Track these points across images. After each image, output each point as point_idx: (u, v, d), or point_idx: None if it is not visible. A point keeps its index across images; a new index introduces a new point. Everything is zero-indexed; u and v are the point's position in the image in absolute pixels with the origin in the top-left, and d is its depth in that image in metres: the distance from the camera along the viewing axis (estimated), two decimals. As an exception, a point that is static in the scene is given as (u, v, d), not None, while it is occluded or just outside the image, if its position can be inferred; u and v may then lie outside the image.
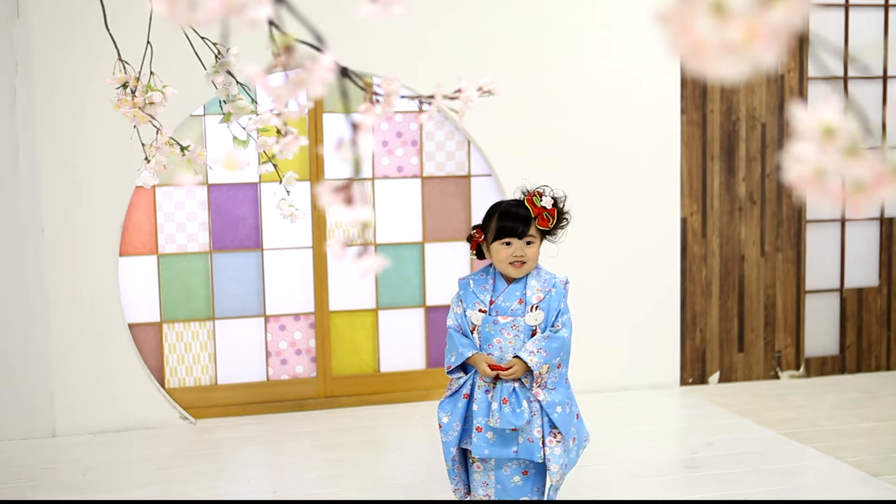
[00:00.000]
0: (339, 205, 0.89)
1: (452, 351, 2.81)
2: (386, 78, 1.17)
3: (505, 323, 2.78)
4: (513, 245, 2.78)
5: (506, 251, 2.78)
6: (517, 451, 2.76)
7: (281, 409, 4.64)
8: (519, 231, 2.78)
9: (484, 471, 2.85)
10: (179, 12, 0.84)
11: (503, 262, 2.79)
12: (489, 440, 2.76)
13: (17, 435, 4.27)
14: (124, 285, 4.45)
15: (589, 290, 4.82)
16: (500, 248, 2.79)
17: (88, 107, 4.21)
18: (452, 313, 2.87)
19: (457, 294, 2.89)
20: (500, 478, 2.83)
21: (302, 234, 4.64)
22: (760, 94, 5.02)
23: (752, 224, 5.07)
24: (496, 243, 2.80)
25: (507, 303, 2.80)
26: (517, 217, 2.79)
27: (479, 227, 2.88)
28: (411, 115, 4.71)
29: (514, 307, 2.80)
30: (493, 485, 2.84)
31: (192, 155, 1.86)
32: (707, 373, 5.07)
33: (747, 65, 0.66)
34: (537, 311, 2.79)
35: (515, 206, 2.82)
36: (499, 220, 2.80)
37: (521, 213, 2.80)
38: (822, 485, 3.57)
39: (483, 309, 2.81)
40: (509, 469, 2.83)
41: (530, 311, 2.79)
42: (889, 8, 5.18)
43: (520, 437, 2.75)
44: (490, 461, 2.83)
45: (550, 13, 4.71)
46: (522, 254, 2.78)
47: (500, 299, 2.81)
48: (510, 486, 2.84)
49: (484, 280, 2.86)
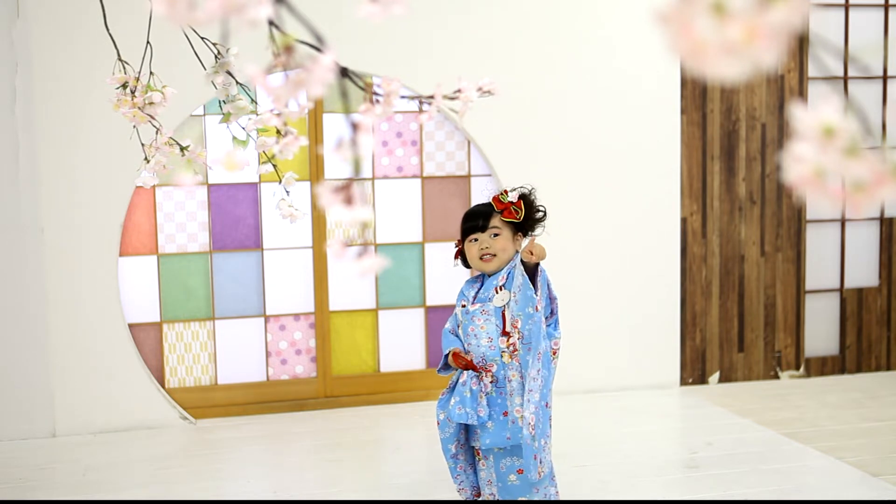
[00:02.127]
0: (339, 205, 0.89)
1: (443, 350, 2.93)
2: (386, 78, 1.17)
3: (475, 310, 2.84)
4: (479, 240, 2.85)
5: (475, 247, 2.86)
6: (510, 438, 2.76)
7: (281, 409, 4.64)
8: (480, 224, 2.85)
9: (487, 467, 2.86)
10: (179, 12, 0.84)
11: (475, 258, 2.87)
12: (489, 430, 2.78)
13: (17, 435, 4.27)
14: (124, 285, 4.45)
15: (589, 290, 4.82)
16: (470, 246, 2.88)
17: (88, 107, 4.21)
18: (452, 316, 2.98)
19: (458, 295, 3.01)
20: (500, 475, 2.84)
21: (302, 234, 4.64)
22: (760, 94, 5.02)
23: (752, 224, 5.07)
24: (466, 243, 2.89)
25: (487, 293, 2.86)
26: (477, 213, 2.89)
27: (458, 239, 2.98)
28: (411, 115, 4.71)
29: (490, 295, 2.85)
30: (495, 482, 2.85)
31: (192, 155, 1.85)
32: (707, 373, 5.07)
33: (747, 65, 0.66)
34: (502, 292, 2.83)
35: (477, 206, 2.94)
36: (463, 222, 2.91)
37: (480, 209, 2.90)
38: (822, 485, 3.57)
39: (464, 303, 2.90)
40: (505, 466, 2.83)
41: (496, 293, 2.82)
42: (889, 8, 5.18)
43: (510, 421, 2.77)
44: (490, 457, 2.84)
45: (550, 13, 4.70)
46: (488, 246, 2.84)
47: (482, 292, 2.88)
48: (508, 484, 2.84)
49: (475, 279, 2.96)
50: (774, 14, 0.65)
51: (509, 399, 2.77)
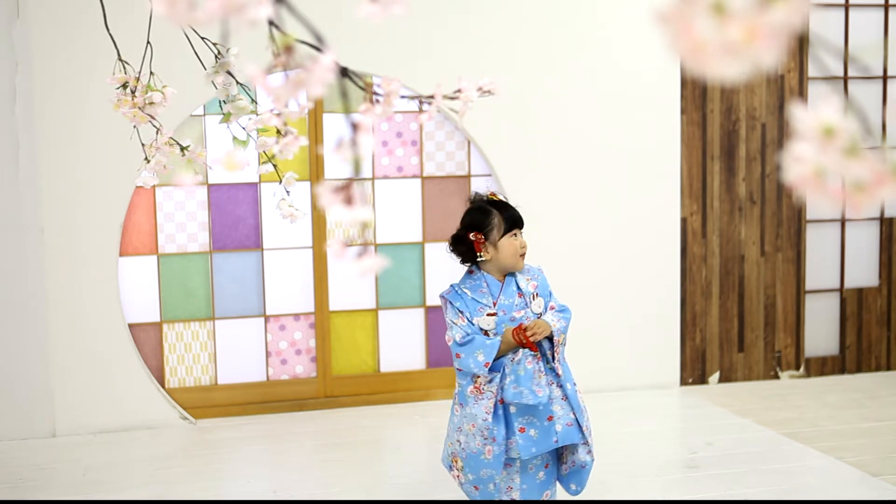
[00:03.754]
0: (339, 205, 0.89)
1: (477, 350, 2.67)
2: (386, 78, 1.17)
3: (521, 318, 2.75)
4: (518, 237, 2.79)
5: (514, 244, 2.76)
6: (557, 440, 2.69)
7: (281, 409, 4.64)
8: (522, 222, 2.81)
9: (508, 475, 2.76)
10: (179, 12, 0.84)
11: (513, 255, 2.76)
12: (533, 438, 2.68)
13: (17, 435, 4.27)
14: (124, 285, 4.45)
15: (589, 290, 4.82)
16: (512, 241, 2.76)
17: (88, 107, 4.21)
18: (457, 327, 2.72)
19: (452, 308, 2.75)
20: (526, 478, 2.76)
21: (302, 234, 4.64)
22: (760, 94, 5.02)
23: (752, 224, 5.07)
24: (506, 237, 2.75)
25: (510, 299, 2.77)
26: (517, 210, 2.82)
27: (475, 230, 2.77)
28: (411, 115, 4.71)
29: (516, 301, 2.78)
30: (517, 487, 2.76)
31: (192, 155, 1.85)
32: (707, 373, 5.07)
33: (747, 65, 0.66)
34: (538, 299, 2.81)
35: (505, 203, 2.83)
36: (505, 216, 2.76)
37: (515, 208, 2.83)
38: (822, 485, 3.57)
39: (491, 312, 2.74)
40: (534, 467, 2.77)
41: (533, 300, 2.79)
42: (889, 8, 5.18)
43: (557, 424, 2.69)
44: (515, 463, 2.75)
45: (551, 13, 4.70)
46: (525, 244, 2.80)
47: (503, 298, 2.77)
48: (536, 483, 2.78)
49: (477, 285, 2.78)
50: (774, 14, 0.65)
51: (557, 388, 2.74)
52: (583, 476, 2.81)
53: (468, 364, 2.68)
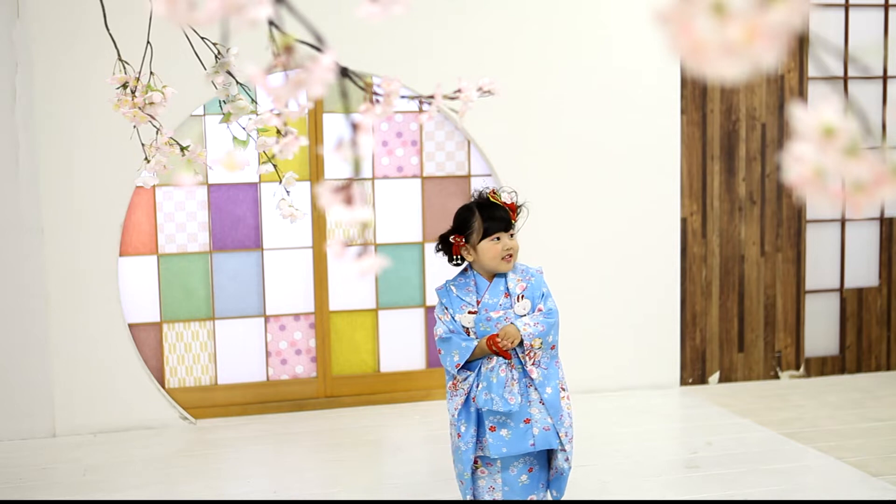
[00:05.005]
0: (339, 205, 0.89)
1: (454, 350, 2.78)
2: (386, 78, 1.17)
3: (498, 318, 2.80)
4: (502, 240, 2.81)
5: (496, 247, 2.80)
6: (534, 444, 2.73)
7: (281, 409, 4.64)
8: (505, 225, 2.82)
9: (489, 474, 2.81)
10: (179, 12, 0.84)
11: (495, 258, 2.81)
12: (505, 438, 2.73)
13: (17, 435, 4.27)
14: (124, 285, 4.45)
15: (589, 290, 4.82)
16: (490, 245, 2.81)
17: (88, 107, 4.21)
18: (441, 323, 2.84)
19: (440, 304, 2.87)
20: (508, 479, 2.80)
21: (302, 234, 4.64)
22: (760, 94, 5.02)
23: (752, 224, 5.07)
24: (485, 241, 2.81)
25: (494, 299, 2.82)
26: (503, 213, 2.83)
27: (456, 233, 2.86)
28: (411, 115, 4.71)
29: (501, 302, 2.82)
30: (499, 488, 2.80)
31: (192, 155, 1.85)
32: (707, 373, 5.07)
33: (747, 65, 0.66)
34: (524, 300, 2.82)
35: (493, 202, 2.85)
36: (485, 219, 2.82)
37: (503, 210, 2.83)
38: (822, 485, 3.57)
39: (472, 310, 2.82)
40: (516, 469, 2.80)
41: (517, 301, 2.81)
42: (889, 8, 5.18)
43: (534, 427, 2.73)
44: (496, 463, 2.80)
45: (550, 13, 4.70)
46: (511, 246, 2.82)
47: (487, 297, 2.83)
48: (518, 486, 2.81)
49: (465, 283, 2.86)
50: (774, 14, 0.65)
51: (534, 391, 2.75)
52: (561, 483, 2.87)
53: (445, 361, 2.82)
